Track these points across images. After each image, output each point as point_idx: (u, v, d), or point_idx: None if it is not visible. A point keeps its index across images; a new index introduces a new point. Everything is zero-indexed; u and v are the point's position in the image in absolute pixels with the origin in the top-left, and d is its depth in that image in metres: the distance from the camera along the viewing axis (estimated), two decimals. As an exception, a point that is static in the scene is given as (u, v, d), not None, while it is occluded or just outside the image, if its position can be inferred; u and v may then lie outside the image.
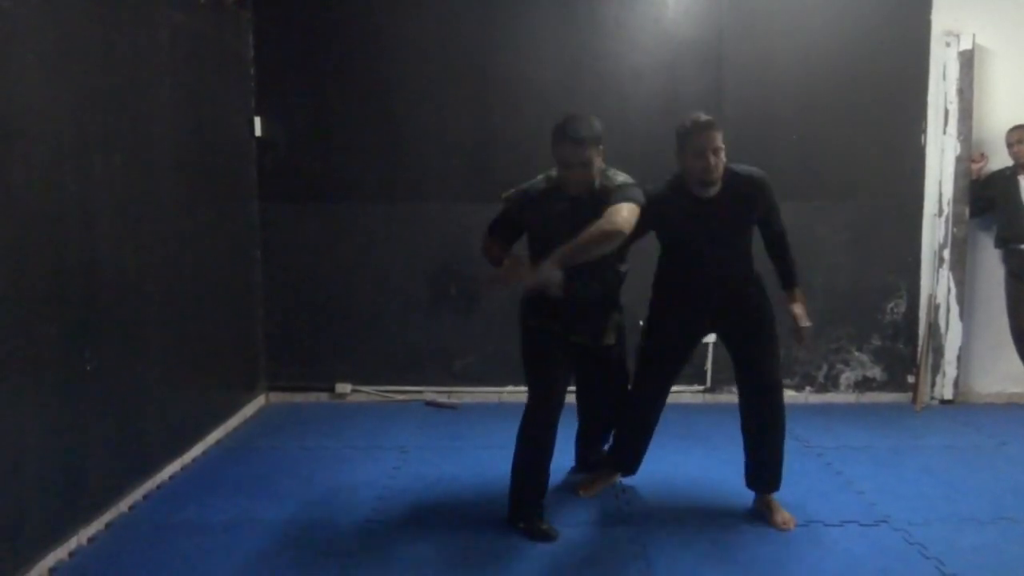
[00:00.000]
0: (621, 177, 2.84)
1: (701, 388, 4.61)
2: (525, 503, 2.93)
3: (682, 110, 4.47)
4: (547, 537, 2.84)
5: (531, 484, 2.94)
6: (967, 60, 4.40)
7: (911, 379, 4.64)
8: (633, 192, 2.76)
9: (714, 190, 2.86)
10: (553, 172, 2.91)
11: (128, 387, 3.14)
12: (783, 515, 2.97)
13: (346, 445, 3.91)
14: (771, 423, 2.98)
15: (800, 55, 4.49)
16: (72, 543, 2.74)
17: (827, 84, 4.49)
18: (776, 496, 3.03)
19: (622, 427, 3.25)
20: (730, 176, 2.87)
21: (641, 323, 3.11)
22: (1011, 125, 4.34)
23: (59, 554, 2.67)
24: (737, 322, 2.99)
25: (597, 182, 2.81)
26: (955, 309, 4.53)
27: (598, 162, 2.81)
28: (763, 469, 3.02)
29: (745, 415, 3.02)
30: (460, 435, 4.06)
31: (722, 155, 2.80)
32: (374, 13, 4.52)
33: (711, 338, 3.58)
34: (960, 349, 4.55)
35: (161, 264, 3.39)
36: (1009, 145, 4.33)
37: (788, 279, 3.02)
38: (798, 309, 2.98)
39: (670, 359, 3.11)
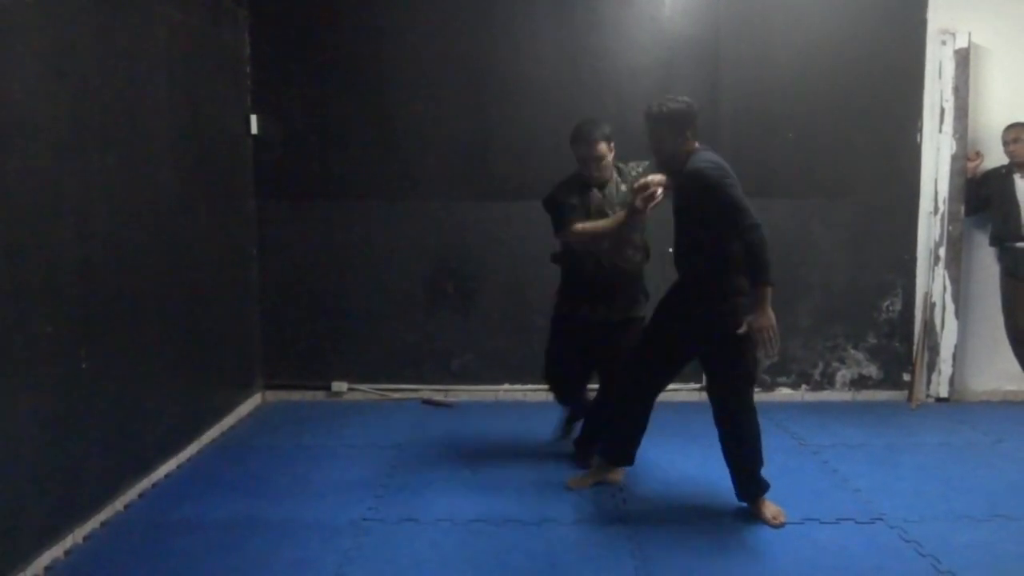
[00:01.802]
0: (639, 166, 3.34)
1: (698, 387, 4.61)
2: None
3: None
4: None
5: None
6: (963, 58, 4.40)
7: (907, 377, 4.65)
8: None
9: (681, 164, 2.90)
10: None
11: (124, 385, 3.13)
12: (771, 510, 2.98)
13: (342, 443, 3.90)
14: (735, 436, 2.97)
15: (796, 53, 4.50)
16: (68, 542, 2.73)
17: (823, 82, 4.50)
18: (769, 495, 3.02)
19: (614, 415, 3.24)
20: (690, 161, 2.84)
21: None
22: (1006, 123, 4.35)
23: (55, 552, 2.66)
24: (698, 333, 2.92)
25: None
26: (951, 307, 4.54)
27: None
28: (738, 479, 3.02)
29: (717, 426, 3.01)
30: (456, 433, 4.06)
31: (661, 144, 2.92)
32: (371, 10, 4.51)
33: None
34: (955, 347, 4.56)
35: (157, 262, 3.39)
36: (1005, 143, 4.34)
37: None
38: None
39: (656, 344, 3.06)
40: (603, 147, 3.19)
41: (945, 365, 4.58)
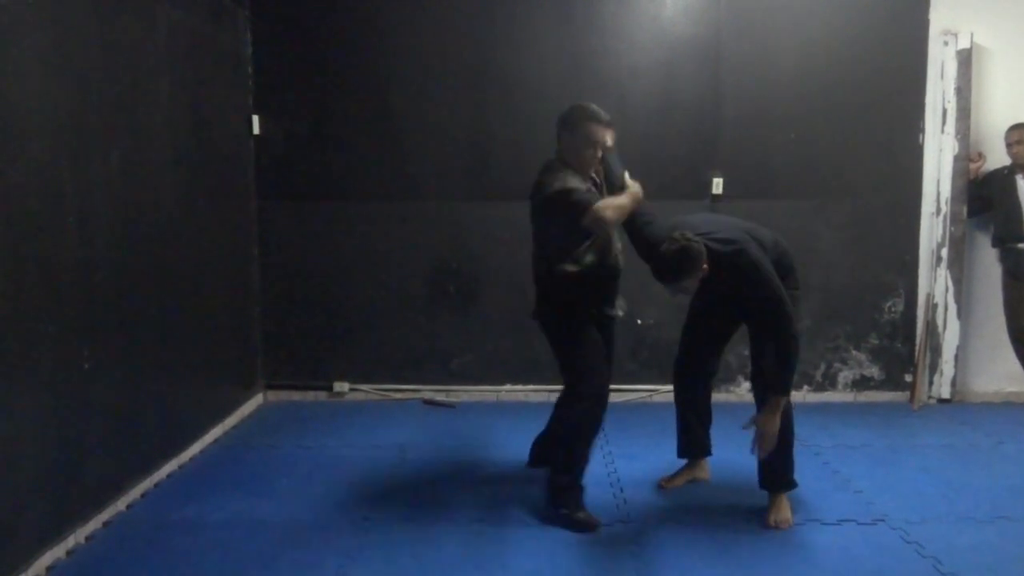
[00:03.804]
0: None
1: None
2: (573, 486, 2.96)
3: (680, 109, 4.51)
4: (588, 526, 2.89)
5: (582, 468, 2.98)
6: (965, 59, 4.40)
7: (909, 378, 4.65)
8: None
9: None
10: (557, 162, 2.95)
11: (126, 385, 3.13)
12: (778, 515, 2.96)
13: (344, 444, 3.90)
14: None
15: (798, 53, 4.49)
16: (70, 542, 2.74)
17: (825, 82, 4.49)
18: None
19: (679, 412, 3.31)
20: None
21: (639, 322, 3.14)
22: (1009, 124, 4.34)
23: (57, 553, 2.66)
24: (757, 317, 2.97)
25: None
26: (953, 308, 4.53)
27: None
28: (762, 466, 3.03)
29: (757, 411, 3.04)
30: (458, 433, 4.06)
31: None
32: (372, 11, 4.51)
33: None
34: (958, 348, 4.56)
35: (159, 262, 3.39)
36: (1008, 145, 4.33)
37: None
38: None
39: (710, 335, 3.17)
40: (610, 134, 2.94)
41: (947, 366, 4.57)
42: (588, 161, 2.92)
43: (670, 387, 3.36)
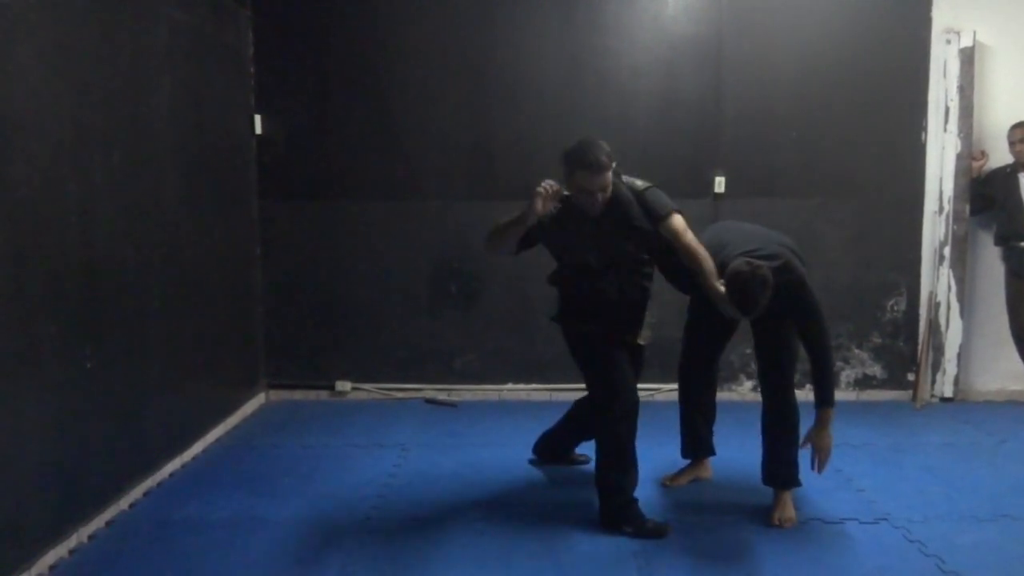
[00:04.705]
0: (639, 183, 2.93)
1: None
2: (628, 503, 2.91)
3: (682, 107, 4.51)
4: (660, 533, 2.84)
5: (630, 481, 2.93)
6: (967, 57, 4.39)
7: (911, 377, 4.64)
8: (664, 200, 2.89)
9: None
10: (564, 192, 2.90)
11: (128, 385, 3.14)
12: (782, 513, 2.96)
13: (346, 443, 3.91)
14: (775, 419, 3.01)
15: (799, 52, 4.49)
16: (72, 541, 2.74)
17: (827, 81, 4.49)
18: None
19: (684, 411, 3.30)
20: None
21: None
22: (1012, 122, 4.34)
23: (59, 551, 2.67)
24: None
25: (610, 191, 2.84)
26: (955, 307, 4.53)
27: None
28: (766, 462, 3.05)
29: (763, 403, 3.08)
30: (460, 433, 4.07)
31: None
32: (374, 10, 4.52)
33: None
34: (960, 347, 4.55)
35: (161, 262, 3.39)
36: (1011, 143, 4.33)
37: None
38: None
39: (711, 334, 3.18)
40: (609, 175, 2.76)
41: (950, 365, 4.57)
42: (592, 204, 2.80)
43: (672, 386, 3.37)
